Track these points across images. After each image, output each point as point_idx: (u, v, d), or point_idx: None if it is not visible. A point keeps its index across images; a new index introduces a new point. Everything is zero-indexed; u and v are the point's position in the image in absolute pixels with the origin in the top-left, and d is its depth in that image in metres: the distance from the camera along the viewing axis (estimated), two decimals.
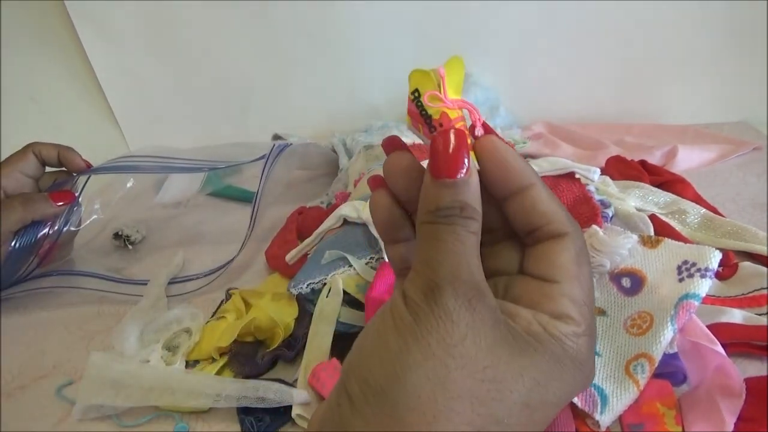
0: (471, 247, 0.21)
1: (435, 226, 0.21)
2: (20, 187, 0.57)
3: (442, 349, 0.19)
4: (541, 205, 0.23)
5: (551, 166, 0.53)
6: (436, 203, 0.21)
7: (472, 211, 0.21)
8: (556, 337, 0.21)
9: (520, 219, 0.23)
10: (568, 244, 0.23)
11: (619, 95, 0.85)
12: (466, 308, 0.20)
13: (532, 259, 0.23)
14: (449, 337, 0.20)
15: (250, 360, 0.46)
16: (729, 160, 0.71)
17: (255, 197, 0.60)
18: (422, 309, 0.20)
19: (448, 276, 0.20)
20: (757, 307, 0.43)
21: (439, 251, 0.21)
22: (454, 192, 0.21)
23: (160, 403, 0.42)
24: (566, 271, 0.22)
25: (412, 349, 0.20)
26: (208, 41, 0.89)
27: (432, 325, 0.20)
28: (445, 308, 0.20)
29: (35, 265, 0.57)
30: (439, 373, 0.19)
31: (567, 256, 0.22)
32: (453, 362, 0.19)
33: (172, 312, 0.51)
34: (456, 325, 0.20)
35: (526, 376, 0.20)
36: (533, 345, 0.21)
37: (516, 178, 0.22)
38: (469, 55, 0.85)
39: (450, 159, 0.21)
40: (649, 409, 0.37)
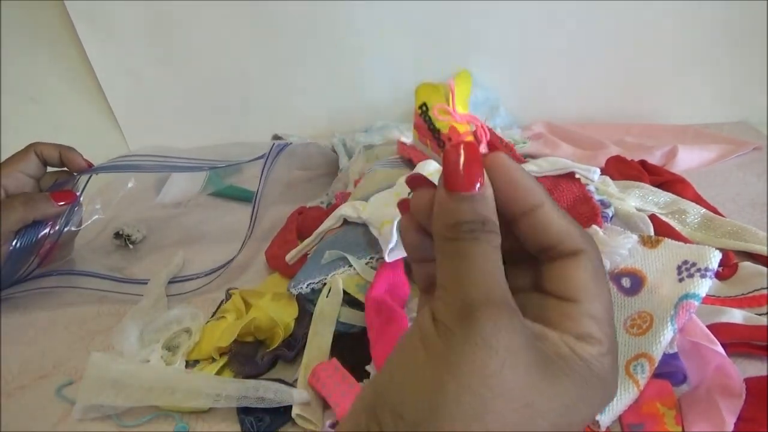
0: (498, 263, 0.21)
1: (459, 243, 0.20)
2: (21, 187, 0.57)
3: (478, 380, 0.19)
4: (552, 225, 0.22)
5: (551, 166, 0.53)
6: (456, 217, 0.21)
7: (494, 225, 0.21)
8: (584, 359, 0.20)
9: (531, 239, 0.23)
10: (584, 262, 0.22)
11: (619, 95, 0.85)
12: (505, 330, 0.19)
13: (548, 277, 0.23)
14: (486, 367, 0.19)
15: (250, 360, 0.46)
16: (729, 160, 0.71)
17: (255, 197, 0.60)
18: (455, 335, 0.19)
19: (482, 297, 0.19)
20: (757, 307, 0.43)
21: (469, 270, 0.20)
22: (474, 206, 0.21)
23: (160, 403, 0.42)
24: (585, 290, 0.22)
25: (446, 383, 0.19)
26: (208, 41, 0.89)
27: (467, 354, 0.19)
28: (482, 333, 0.19)
29: (36, 264, 0.57)
30: (476, 407, 0.18)
31: (585, 275, 0.22)
32: (490, 393, 0.18)
33: (172, 312, 0.51)
34: (494, 351, 0.19)
35: (556, 401, 0.19)
36: (563, 368, 0.20)
37: (526, 198, 0.22)
38: (469, 55, 0.86)
39: (465, 172, 0.21)
40: (649, 409, 0.37)
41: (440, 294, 0.21)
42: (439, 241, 0.21)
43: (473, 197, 0.21)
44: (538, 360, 0.20)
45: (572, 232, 0.22)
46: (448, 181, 0.21)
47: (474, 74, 0.85)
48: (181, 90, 0.94)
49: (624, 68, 0.83)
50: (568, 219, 0.23)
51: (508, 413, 0.19)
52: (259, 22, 0.86)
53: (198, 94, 0.94)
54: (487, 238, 0.21)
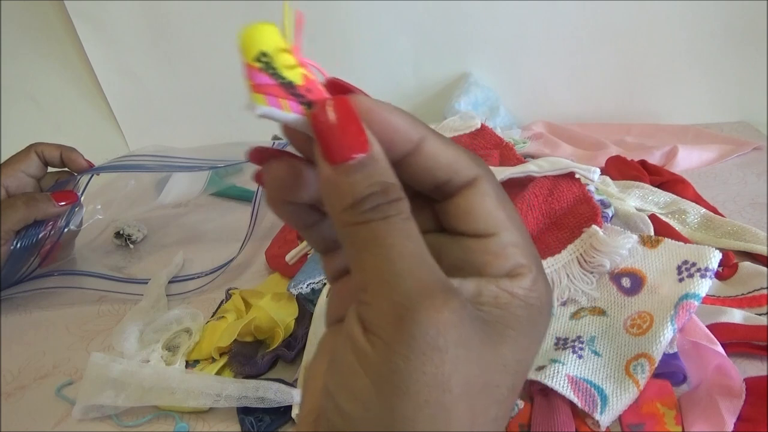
0: (418, 237, 0.18)
1: (366, 227, 0.17)
2: (22, 187, 0.57)
3: (435, 390, 0.16)
4: (440, 158, 0.19)
5: (551, 166, 0.52)
6: (352, 195, 0.17)
7: (397, 190, 0.18)
8: (523, 297, 0.19)
9: (422, 179, 0.20)
10: (485, 188, 0.20)
11: (619, 95, 0.85)
12: (452, 324, 0.16)
13: (454, 215, 0.20)
14: (440, 374, 0.16)
15: (250, 360, 0.46)
16: (729, 160, 0.71)
17: (255, 197, 0.60)
18: (395, 350, 0.16)
19: (415, 290, 0.17)
20: (757, 307, 0.43)
21: (389, 260, 0.17)
22: (367, 173, 0.17)
23: (160, 403, 0.42)
24: (497, 218, 0.19)
25: (399, 408, 0.16)
26: (208, 41, 0.89)
27: (415, 367, 0.16)
28: (425, 337, 0.16)
29: (36, 264, 0.57)
30: (438, 416, 0.16)
31: (490, 202, 0.19)
32: (450, 397, 0.16)
33: (172, 312, 0.51)
34: (444, 352, 0.16)
35: (509, 363, 0.18)
36: (508, 322, 0.18)
37: (405, 138, 0.19)
38: (469, 55, 0.86)
39: (346, 135, 0.17)
40: (649, 408, 0.37)
41: (364, 298, 0.17)
42: (342, 230, 0.18)
43: (363, 163, 0.17)
44: (484, 330, 0.18)
45: (463, 159, 0.20)
46: (328, 151, 0.17)
47: (474, 74, 0.85)
48: (180, 90, 0.94)
49: (624, 68, 0.83)
50: (454, 145, 0.20)
51: (470, 403, 0.17)
52: None
53: (198, 94, 0.94)
54: (397, 208, 0.17)
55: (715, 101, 0.83)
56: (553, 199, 0.51)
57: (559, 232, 0.50)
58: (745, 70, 0.79)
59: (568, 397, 0.37)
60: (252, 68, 0.18)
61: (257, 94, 0.17)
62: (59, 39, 0.88)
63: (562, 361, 0.39)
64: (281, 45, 0.18)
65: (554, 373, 0.38)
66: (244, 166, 0.73)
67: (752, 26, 0.76)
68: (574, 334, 0.43)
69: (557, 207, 0.51)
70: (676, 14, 0.77)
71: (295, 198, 0.21)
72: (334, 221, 0.18)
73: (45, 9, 0.86)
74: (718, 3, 0.75)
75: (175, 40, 0.89)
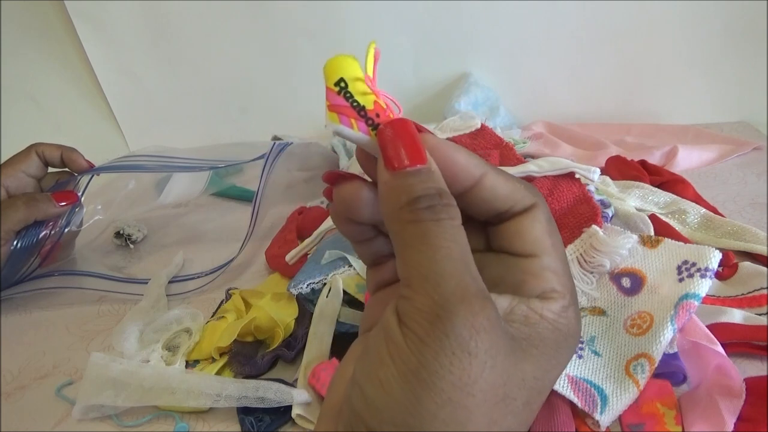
0: (466, 246, 0.19)
1: (420, 225, 0.18)
2: (23, 187, 0.57)
3: (459, 391, 0.17)
4: (500, 191, 0.21)
5: (551, 166, 0.52)
6: (409, 194, 0.19)
7: (450, 198, 0.19)
8: (551, 321, 0.20)
9: (482, 209, 0.22)
10: (537, 215, 0.21)
11: (619, 95, 0.85)
12: (485, 330, 0.17)
13: (502, 236, 0.22)
14: (466, 376, 0.17)
15: (250, 360, 0.46)
16: (729, 160, 0.71)
17: (255, 197, 0.60)
18: (428, 345, 0.17)
19: (456, 293, 0.17)
20: (757, 307, 0.43)
21: (437, 260, 0.18)
22: (422, 178, 0.19)
23: (160, 403, 0.42)
24: (542, 244, 0.21)
25: (423, 401, 0.17)
26: (208, 41, 0.89)
27: (443, 366, 0.17)
28: (458, 338, 0.17)
29: (37, 265, 0.57)
30: (459, 417, 0.17)
31: (540, 228, 0.21)
32: (473, 401, 0.17)
33: (172, 312, 0.51)
34: (474, 357, 0.17)
35: (527, 379, 0.19)
36: (533, 342, 0.19)
37: (467, 173, 0.21)
38: (469, 55, 0.86)
39: (407, 147, 0.19)
40: (649, 409, 0.37)
41: (405, 293, 0.18)
42: (395, 227, 0.19)
43: (420, 171, 0.19)
44: (511, 346, 0.18)
45: (520, 191, 0.21)
46: (389, 160, 0.19)
47: (474, 74, 0.85)
48: (180, 90, 0.94)
49: (624, 68, 0.83)
50: (512, 178, 0.22)
51: (489, 410, 0.18)
52: (259, 22, 0.86)
53: (198, 94, 0.94)
54: (449, 213, 0.19)
55: (715, 101, 0.83)
56: (553, 199, 0.51)
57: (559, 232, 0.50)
58: (745, 70, 0.79)
59: (568, 397, 0.37)
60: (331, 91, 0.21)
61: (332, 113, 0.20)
62: (59, 39, 0.89)
63: None
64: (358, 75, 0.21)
65: None
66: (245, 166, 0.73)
67: (752, 26, 0.76)
68: None
69: (557, 207, 0.51)
70: (676, 14, 0.77)
71: (356, 216, 0.22)
72: (388, 221, 0.20)
73: (45, 9, 0.86)
74: (718, 3, 0.75)
75: (175, 40, 0.89)
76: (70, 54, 0.90)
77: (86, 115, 0.95)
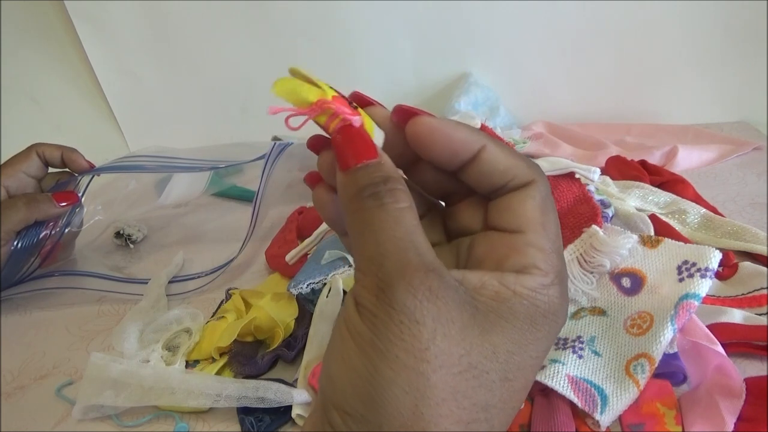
0: (410, 224, 0.19)
1: (362, 211, 0.20)
2: (23, 188, 0.57)
3: (412, 357, 0.18)
4: (499, 164, 0.21)
5: (551, 166, 0.53)
6: (355, 186, 0.20)
7: (397, 182, 0.20)
8: (525, 296, 0.20)
9: (482, 183, 0.22)
10: (533, 191, 0.21)
11: (618, 95, 0.85)
12: (427, 299, 0.18)
13: (496, 211, 0.22)
14: (417, 342, 0.18)
15: (250, 360, 0.46)
16: (729, 160, 0.71)
17: (255, 197, 0.60)
18: (378, 317, 0.18)
19: (397, 267, 0.18)
20: (757, 307, 0.43)
21: (378, 241, 0.19)
22: (369, 171, 0.20)
23: (160, 403, 0.42)
24: (531, 220, 0.21)
25: (380, 368, 0.18)
26: (208, 41, 0.89)
27: (395, 333, 0.18)
28: (403, 308, 0.18)
29: (37, 265, 0.57)
30: (416, 383, 0.18)
31: (532, 204, 0.21)
32: (428, 366, 0.18)
33: (172, 312, 0.51)
34: (422, 324, 0.18)
35: (499, 351, 0.19)
36: (503, 314, 0.19)
37: (465, 147, 0.21)
38: (469, 55, 0.85)
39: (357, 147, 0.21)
40: (649, 409, 0.37)
41: (357, 276, 0.20)
42: (347, 219, 0.20)
43: (368, 165, 0.20)
44: (474, 314, 0.19)
45: (520, 166, 0.22)
46: (341, 162, 0.21)
47: (474, 74, 0.85)
48: (180, 90, 0.94)
49: (624, 68, 0.83)
50: (513, 153, 0.22)
51: (451, 379, 0.18)
52: (258, 22, 0.86)
53: (198, 94, 0.94)
54: (394, 197, 0.20)
55: (715, 101, 0.83)
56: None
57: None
58: (745, 70, 0.79)
59: (568, 397, 0.37)
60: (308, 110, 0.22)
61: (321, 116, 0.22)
62: (59, 39, 0.88)
63: (562, 361, 0.39)
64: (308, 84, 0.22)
65: (554, 373, 0.38)
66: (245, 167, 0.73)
67: (752, 26, 0.76)
68: (574, 334, 0.43)
69: (557, 207, 0.51)
70: (676, 14, 0.77)
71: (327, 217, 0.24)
72: (344, 215, 0.21)
73: (45, 9, 0.86)
74: (718, 3, 0.75)
75: (175, 40, 0.89)
76: (70, 54, 0.90)
77: (86, 115, 0.95)
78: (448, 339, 0.18)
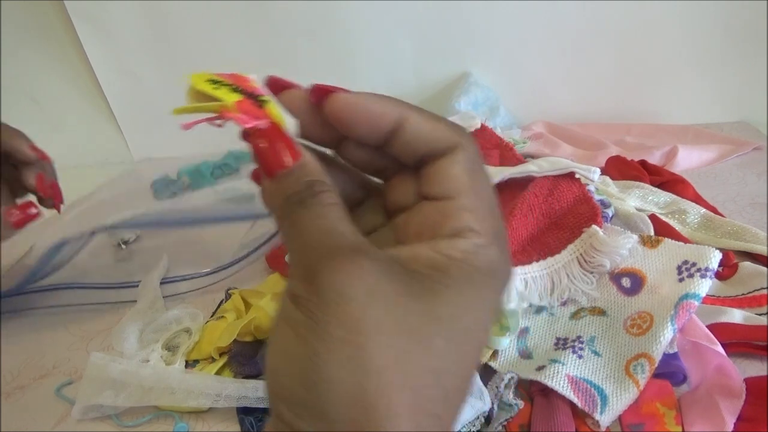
0: (336, 215, 0.20)
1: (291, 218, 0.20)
2: None
3: (345, 331, 0.18)
4: (422, 133, 0.21)
5: (551, 166, 0.52)
6: (282, 194, 0.20)
7: (322, 184, 0.20)
8: (460, 259, 0.20)
9: (408, 154, 0.22)
10: (459, 155, 0.21)
11: (618, 95, 0.85)
12: (356, 276, 0.18)
13: (426, 181, 0.22)
14: (350, 316, 0.18)
15: (250, 360, 0.46)
16: (729, 160, 0.71)
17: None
18: (311, 301, 0.18)
19: (323, 253, 0.19)
20: (757, 307, 0.43)
21: (304, 236, 0.20)
22: (295, 176, 0.20)
23: (160, 403, 0.42)
24: (460, 184, 0.21)
25: (316, 348, 0.18)
26: (208, 41, 0.89)
27: (327, 313, 0.18)
28: (331, 287, 0.18)
29: None
30: (353, 356, 0.18)
31: (459, 168, 0.21)
32: (363, 337, 0.18)
33: (171, 312, 0.51)
34: (353, 299, 0.18)
35: (440, 315, 0.19)
36: (439, 280, 0.19)
37: (384, 120, 0.21)
38: (469, 55, 0.85)
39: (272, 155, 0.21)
40: (649, 408, 0.37)
41: (290, 271, 0.20)
42: (276, 222, 0.21)
43: (292, 171, 0.20)
44: (408, 284, 0.19)
45: (443, 131, 0.21)
46: (265, 171, 0.21)
47: (474, 74, 0.85)
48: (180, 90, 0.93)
49: (624, 68, 0.83)
50: (436, 118, 0.22)
51: (390, 347, 0.18)
52: (258, 22, 0.86)
53: None
54: (318, 200, 0.20)
55: (715, 101, 0.83)
56: (553, 199, 0.51)
57: (559, 232, 0.50)
58: (745, 70, 0.79)
59: (568, 397, 0.37)
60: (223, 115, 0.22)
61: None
62: (59, 39, 0.88)
63: (562, 361, 0.39)
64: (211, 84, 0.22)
65: (554, 373, 0.38)
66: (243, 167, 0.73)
67: (752, 26, 0.76)
68: (574, 334, 0.43)
69: (557, 207, 0.51)
70: (676, 14, 0.77)
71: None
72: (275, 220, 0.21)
73: (45, 9, 0.86)
74: (718, 3, 0.75)
75: (175, 40, 0.89)
76: (70, 54, 0.90)
77: (86, 115, 0.95)
78: (382, 309, 0.18)
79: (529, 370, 0.40)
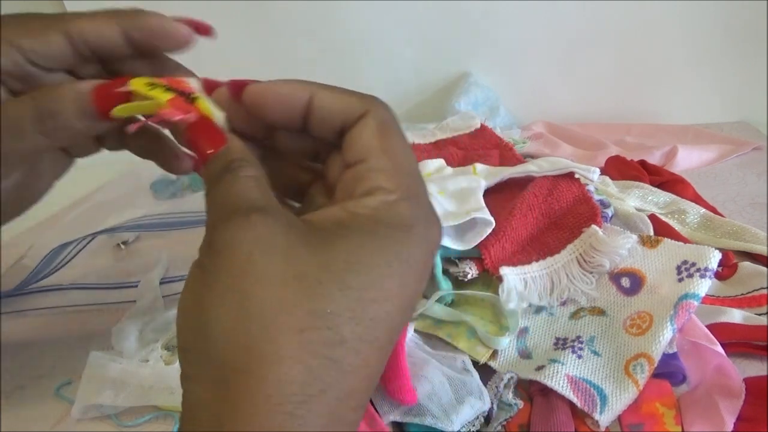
0: (248, 187, 0.21)
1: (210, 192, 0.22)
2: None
3: (231, 278, 0.19)
4: (332, 107, 0.22)
5: (551, 166, 0.53)
6: (211, 174, 0.22)
7: (241, 161, 0.22)
8: (365, 215, 0.20)
9: (325, 131, 0.23)
10: (367, 120, 0.22)
11: (618, 95, 0.85)
12: (245, 229, 0.19)
13: (343, 150, 0.23)
14: (234, 263, 0.19)
15: None
16: (729, 160, 0.71)
17: None
18: (207, 258, 0.20)
19: (222, 214, 0.20)
20: (757, 307, 0.43)
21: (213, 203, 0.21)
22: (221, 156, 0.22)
23: (160, 402, 0.42)
24: (370, 147, 0.22)
25: (204, 296, 0.19)
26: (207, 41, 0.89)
27: (215, 263, 0.19)
28: (221, 241, 0.19)
29: None
30: (237, 299, 0.18)
31: (368, 132, 0.22)
32: (247, 282, 0.19)
33: (171, 311, 0.51)
34: (238, 248, 0.19)
35: (334, 262, 0.19)
36: (338, 232, 0.20)
37: (293, 101, 0.22)
38: (469, 55, 0.86)
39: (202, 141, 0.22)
40: (649, 408, 0.37)
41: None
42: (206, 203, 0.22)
43: (219, 153, 0.22)
44: (303, 235, 0.20)
45: (351, 101, 0.22)
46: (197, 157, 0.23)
47: (474, 74, 0.85)
48: None
49: (624, 68, 0.83)
50: (344, 91, 0.23)
51: (275, 291, 0.18)
52: (258, 22, 0.86)
53: None
54: (234, 173, 0.21)
55: (715, 101, 0.83)
56: (552, 199, 0.51)
57: (558, 232, 0.50)
58: (745, 70, 0.79)
59: (568, 397, 0.37)
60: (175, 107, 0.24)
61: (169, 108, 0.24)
62: None
63: (561, 361, 0.39)
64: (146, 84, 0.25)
65: (553, 373, 0.38)
66: None
67: (752, 26, 0.76)
68: (574, 334, 0.43)
69: (557, 207, 0.51)
70: (676, 14, 0.77)
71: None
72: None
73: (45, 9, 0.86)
74: (718, 3, 0.75)
75: None
76: None
77: None
78: (269, 255, 0.19)
79: (529, 370, 0.40)
